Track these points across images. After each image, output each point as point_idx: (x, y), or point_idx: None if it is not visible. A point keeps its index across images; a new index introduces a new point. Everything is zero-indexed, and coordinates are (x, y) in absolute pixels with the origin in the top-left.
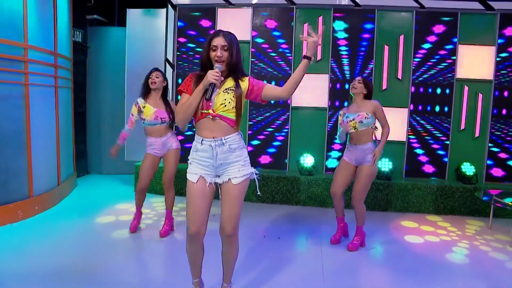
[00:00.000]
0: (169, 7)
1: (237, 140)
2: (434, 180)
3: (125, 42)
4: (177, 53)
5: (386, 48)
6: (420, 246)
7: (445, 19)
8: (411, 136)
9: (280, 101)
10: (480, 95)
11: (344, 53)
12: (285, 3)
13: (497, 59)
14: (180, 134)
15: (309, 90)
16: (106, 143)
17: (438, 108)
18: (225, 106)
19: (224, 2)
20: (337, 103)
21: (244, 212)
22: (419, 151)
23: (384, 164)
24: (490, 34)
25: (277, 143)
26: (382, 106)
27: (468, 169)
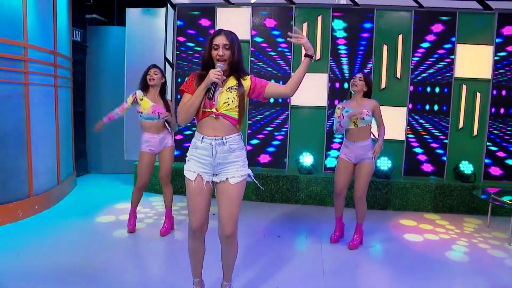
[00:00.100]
0: (169, 6)
1: (237, 141)
2: (433, 179)
3: (124, 42)
4: (176, 52)
5: (385, 47)
6: (419, 244)
7: (444, 18)
8: (410, 135)
9: (280, 100)
10: (478, 94)
11: (343, 52)
12: (285, 2)
13: (495, 58)
14: (180, 134)
15: (308, 89)
16: (105, 142)
17: (436, 107)
18: (228, 105)
19: (223, 1)
20: (336, 102)
21: (243, 210)
22: (418, 150)
23: (383, 163)
24: (488, 34)
25: (276, 142)
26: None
27: (466, 167)
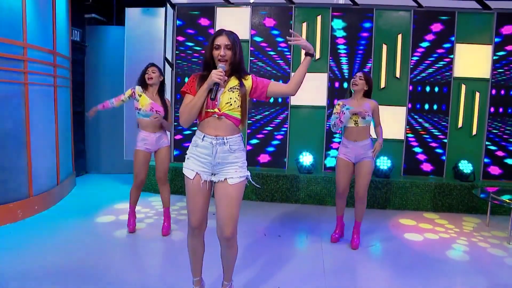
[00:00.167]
0: (168, 6)
1: (238, 142)
2: (432, 178)
3: (123, 41)
4: (176, 52)
5: (385, 47)
6: (419, 243)
7: (443, 18)
8: (409, 134)
9: (279, 99)
10: (477, 94)
11: (342, 51)
12: (284, 2)
13: (494, 58)
14: (179, 133)
15: (308, 89)
16: (104, 142)
17: (436, 107)
18: (230, 105)
19: (223, 1)
20: (336, 102)
21: (243, 210)
22: (417, 149)
23: (382, 162)
24: (487, 33)
25: (276, 142)
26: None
27: (465, 167)
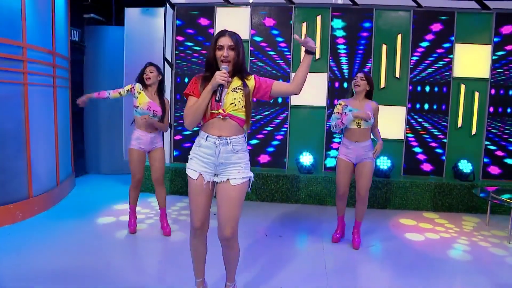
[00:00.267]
0: (168, 6)
1: (241, 142)
2: (432, 178)
3: (122, 41)
4: (175, 52)
5: (384, 47)
6: (420, 243)
7: (442, 18)
8: (409, 134)
9: (279, 99)
10: (476, 93)
11: (342, 52)
12: (284, 2)
13: (493, 58)
14: (179, 134)
15: (308, 89)
16: (104, 143)
17: (435, 106)
18: (235, 105)
19: (222, 1)
20: (336, 102)
21: (244, 210)
22: (417, 149)
23: (382, 162)
24: (487, 33)
25: (276, 142)
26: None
27: (465, 166)
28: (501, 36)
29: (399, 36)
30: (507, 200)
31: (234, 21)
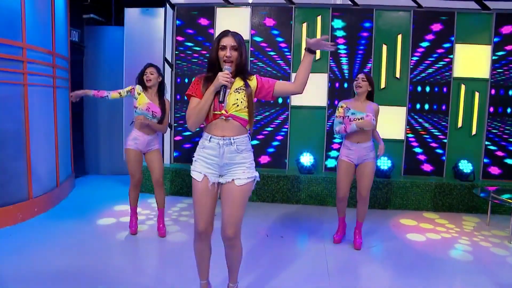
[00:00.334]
0: (168, 6)
1: (245, 142)
2: (433, 178)
3: (122, 42)
4: (175, 52)
5: (384, 47)
6: (421, 243)
7: (442, 18)
8: (410, 134)
9: (280, 100)
10: (476, 94)
11: (342, 52)
12: (284, 2)
13: (493, 58)
14: (179, 135)
15: (308, 89)
16: (103, 143)
17: (435, 107)
18: (237, 106)
19: (222, 1)
20: (336, 102)
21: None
22: (417, 149)
23: (383, 163)
24: (486, 33)
25: (276, 142)
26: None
27: (465, 166)
28: (501, 36)
29: (399, 36)
30: (508, 200)
31: (234, 21)
